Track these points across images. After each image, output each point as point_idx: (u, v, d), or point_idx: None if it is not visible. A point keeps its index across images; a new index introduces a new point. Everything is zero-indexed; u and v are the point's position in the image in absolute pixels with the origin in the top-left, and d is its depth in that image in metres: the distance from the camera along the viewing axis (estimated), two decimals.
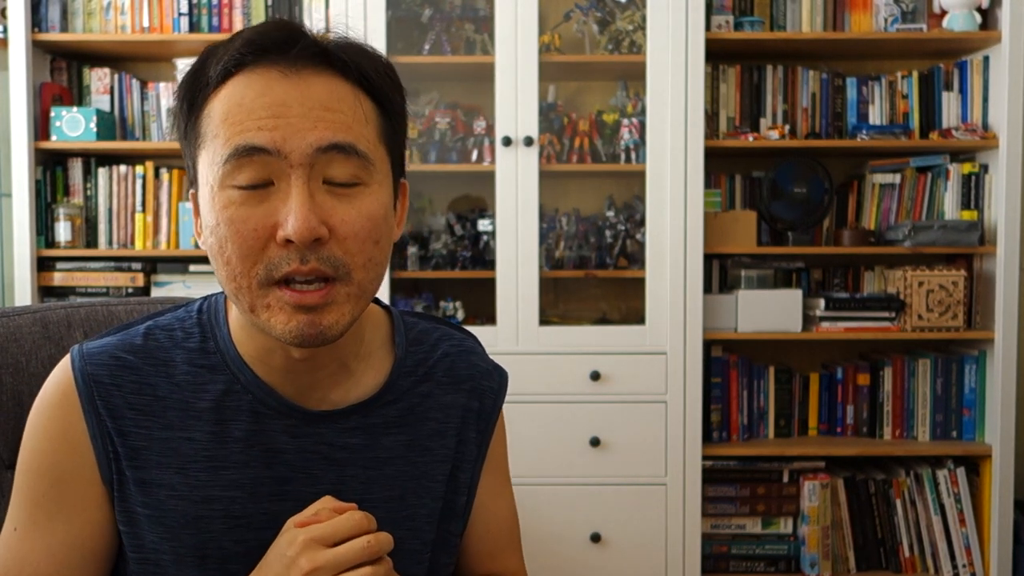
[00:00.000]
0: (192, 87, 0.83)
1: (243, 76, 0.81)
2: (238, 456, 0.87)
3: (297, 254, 0.78)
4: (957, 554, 2.66)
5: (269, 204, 0.79)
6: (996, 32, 2.59)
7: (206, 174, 0.81)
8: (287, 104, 0.79)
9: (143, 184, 2.74)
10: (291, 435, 0.89)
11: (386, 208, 0.84)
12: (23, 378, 1.03)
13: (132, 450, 0.86)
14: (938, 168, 2.74)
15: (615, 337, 2.58)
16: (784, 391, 2.76)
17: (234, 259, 0.80)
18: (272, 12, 2.70)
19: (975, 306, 2.70)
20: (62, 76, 2.79)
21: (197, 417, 0.87)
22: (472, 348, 1.02)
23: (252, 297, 0.81)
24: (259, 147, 0.78)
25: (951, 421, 2.72)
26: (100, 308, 1.11)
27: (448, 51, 2.66)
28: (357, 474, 0.90)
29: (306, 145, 0.79)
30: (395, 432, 0.93)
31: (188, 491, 0.86)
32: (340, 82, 0.82)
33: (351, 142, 0.80)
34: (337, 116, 0.80)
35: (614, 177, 2.83)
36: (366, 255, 0.82)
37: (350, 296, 0.82)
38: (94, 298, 2.60)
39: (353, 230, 0.80)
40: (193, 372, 0.88)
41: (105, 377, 0.87)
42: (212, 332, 0.90)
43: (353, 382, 0.91)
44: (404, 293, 2.71)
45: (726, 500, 2.66)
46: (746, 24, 2.64)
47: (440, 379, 0.97)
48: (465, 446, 0.97)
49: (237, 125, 0.79)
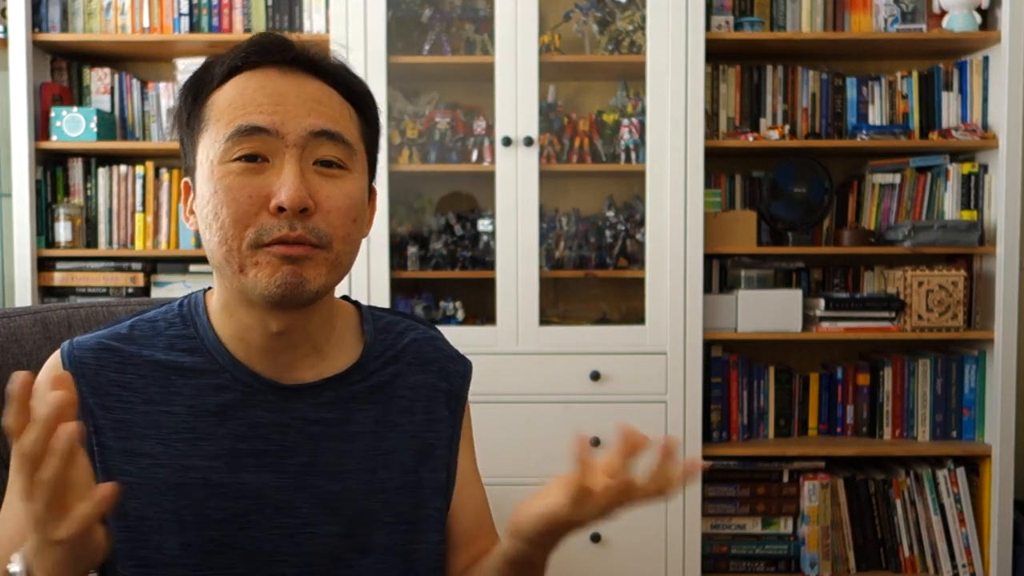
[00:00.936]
0: (198, 84, 0.94)
1: (246, 73, 0.92)
2: (215, 428, 0.93)
3: (287, 222, 0.88)
4: (957, 554, 2.66)
5: (264, 177, 0.89)
6: (996, 32, 2.59)
7: (207, 152, 0.91)
8: (285, 95, 0.91)
9: (143, 184, 2.74)
10: (267, 409, 0.95)
11: (363, 194, 0.96)
12: None
13: (117, 422, 0.93)
14: (938, 168, 2.74)
15: (615, 337, 2.58)
16: (784, 391, 2.76)
17: (227, 223, 0.88)
18: (272, 12, 2.70)
19: (975, 306, 2.70)
20: (62, 76, 2.79)
21: (176, 392, 0.94)
22: (437, 336, 1.10)
23: (241, 258, 0.89)
24: (260, 127, 0.89)
25: (951, 421, 2.72)
26: (101, 309, 1.12)
27: (448, 51, 2.66)
28: (331, 447, 0.96)
29: (301, 128, 0.90)
30: (366, 408, 0.99)
31: (168, 460, 0.92)
32: (329, 88, 0.94)
33: (339, 131, 0.92)
34: (327, 109, 0.93)
35: (614, 177, 2.83)
36: (345, 229, 0.92)
37: (327, 262, 0.91)
38: (94, 299, 2.60)
39: (336, 205, 0.91)
40: (174, 354, 0.96)
41: (90, 360, 0.94)
42: (192, 320, 0.98)
43: (327, 364, 0.98)
44: (404, 293, 2.71)
45: (726, 500, 2.66)
46: (746, 24, 2.65)
47: (409, 361, 1.04)
48: (437, 424, 1.03)
49: (240, 109, 0.90)
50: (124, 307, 1.13)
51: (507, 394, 2.53)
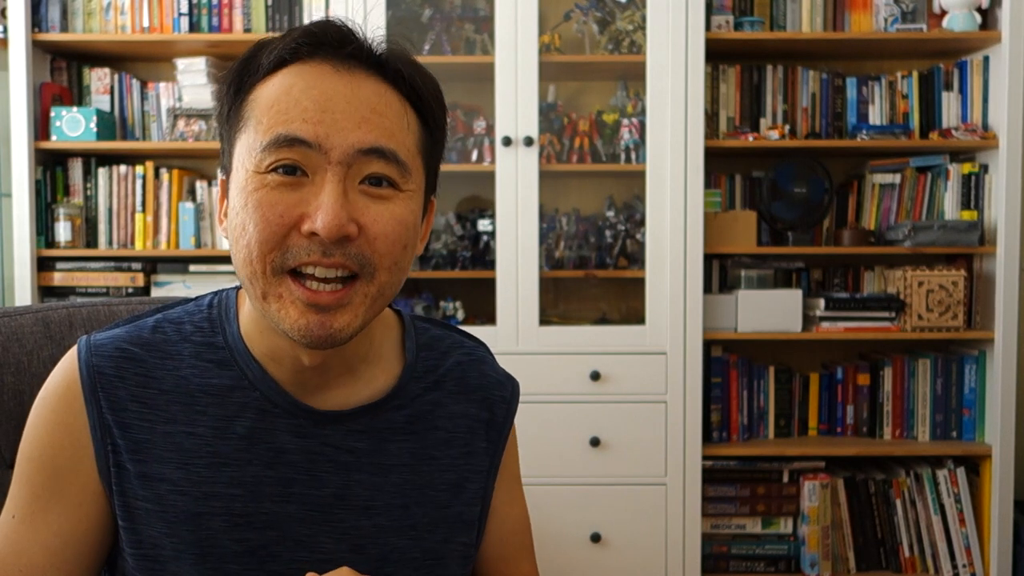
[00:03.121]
0: (241, 72, 0.83)
1: (295, 67, 0.81)
2: (241, 453, 0.86)
3: (320, 248, 0.78)
4: (957, 554, 2.66)
5: (300, 194, 0.78)
6: (996, 32, 2.59)
7: (242, 157, 0.81)
8: (334, 100, 0.79)
9: (143, 184, 2.73)
10: (296, 435, 0.87)
11: (416, 217, 0.84)
12: (24, 378, 1.03)
13: (134, 443, 0.85)
14: (938, 168, 2.74)
15: (615, 337, 2.58)
16: (784, 391, 2.76)
17: (253, 242, 0.79)
18: (272, 12, 2.70)
19: (975, 306, 2.70)
20: (62, 76, 2.79)
21: (201, 412, 0.86)
22: (483, 358, 1.00)
23: (265, 284, 0.80)
24: (301, 139, 0.78)
25: (951, 421, 2.72)
26: (102, 308, 1.11)
27: (448, 51, 2.66)
28: (363, 479, 0.89)
29: (348, 144, 0.78)
30: (401, 439, 0.91)
31: (189, 487, 0.85)
32: (389, 89, 0.82)
33: (392, 148, 0.80)
34: (382, 120, 0.80)
35: (614, 177, 2.83)
36: (393, 257, 0.81)
37: (367, 297, 0.81)
38: (95, 298, 2.60)
39: (384, 230, 0.80)
40: (199, 367, 0.87)
41: (110, 370, 0.86)
42: (222, 327, 0.89)
43: (363, 384, 0.90)
44: (404, 293, 2.71)
45: (726, 500, 2.66)
46: (746, 24, 2.65)
47: (450, 388, 0.95)
48: (473, 457, 0.95)
49: (282, 114, 0.79)
50: (125, 307, 1.12)
51: None
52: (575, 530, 2.54)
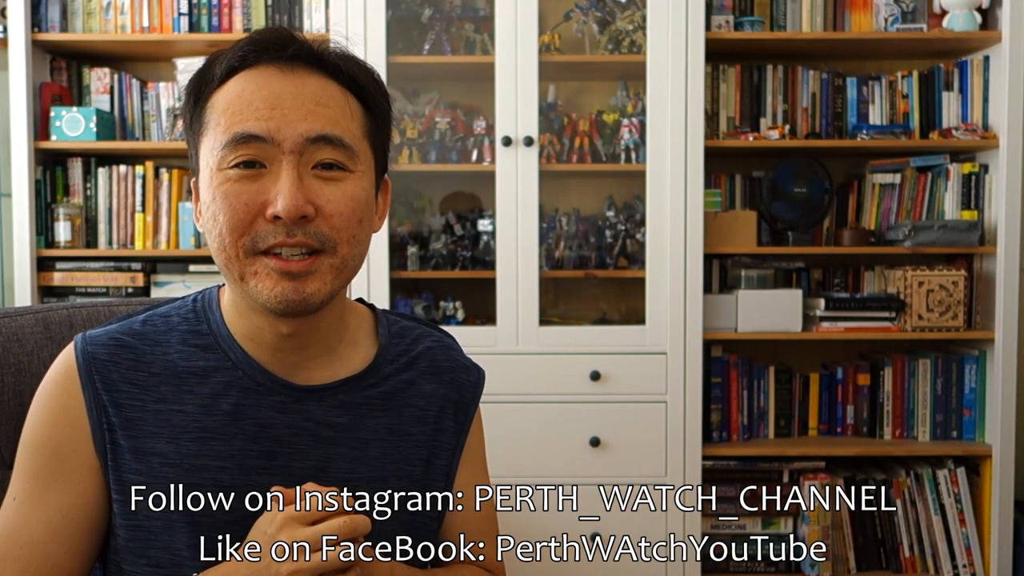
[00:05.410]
0: (199, 84, 0.92)
1: (245, 73, 0.90)
2: (227, 428, 0.93)
3: (284, 229, 0.87)
4: (957, 554, 2.66)
5: (260, 184, 0.87)
6: (996, 32, 2.59)
7: (207, 158, 0.89)
8: (282, 97, 0.88)
9: (143, 184, 2.73)
10: (279, 411, 0.94)
11: (368, 194, 0.93)
12: (25, 378, 1.03)
13: (128, 420, 0.92)
14: (938, 168, 2.74)
15: (615, 337, 2.58)
16: (784, 391, 2.76)
17: (224, 230, 0.87)
18: (272, 12, 2.70)
19: (975, 306, 2.70)
20: (62, 76, 2.79)
21: (189, 391, 0.94)
22: (451, 345, 1.09)
23: (240, 266, 0.88)
24: (255, 135, 0.87)
25: (951, 421, 2.72)
26: (102, 308, 1.11)
27: (448, 51, 2.66)
28: (343, 453, 0.96)
29: (297, 135, 0.87)
30: (378, 415, 0.98)
31: (179, 459, 0.91)
32: (330, 82, 0.91)
33: (338, 135, 0.89)
34: (326, 111, 0.89)
35: (614, 177, 2.83)
36: (350, 231, 0.90)
37: (332, 267, 0.90)
38: (95, 298, 2.60)
39: (338, 208, 0.89)
40: (186, 351, 0.95)
41: (104, 355, 0.93)
42: (206, 316, 0.97)
43: (340, 364, 0.98)
44: (404, 293, 2.71)
45: (726, 500, 2.66)
46: (746, 24, 2.64)
47: (422, 369, 1.03)
48: (442, 434, 1.02)
49: (237, 115, 0.87)
50: (125, 307, 1.12)
51: (507, 394, 2.52)
52: (575, 530, 2.54)
